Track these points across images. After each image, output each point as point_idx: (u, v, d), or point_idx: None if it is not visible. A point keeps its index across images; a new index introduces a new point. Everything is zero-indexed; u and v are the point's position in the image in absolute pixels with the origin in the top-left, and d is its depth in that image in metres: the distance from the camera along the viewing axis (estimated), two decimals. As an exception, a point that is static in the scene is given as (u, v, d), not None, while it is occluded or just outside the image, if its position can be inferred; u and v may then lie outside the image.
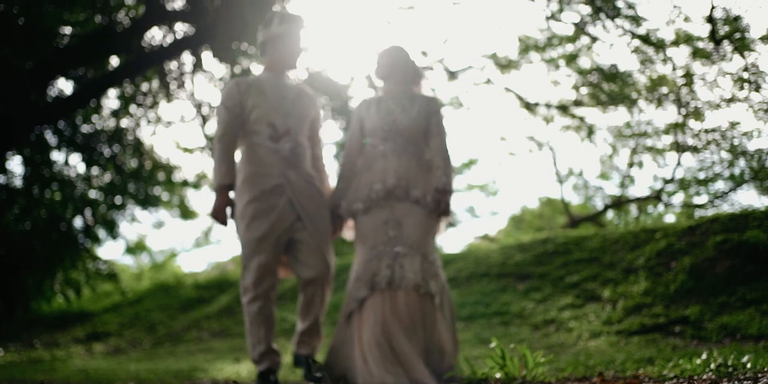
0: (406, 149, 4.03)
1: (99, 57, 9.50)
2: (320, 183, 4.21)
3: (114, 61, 9.97)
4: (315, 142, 4.27)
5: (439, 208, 3.90)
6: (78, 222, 10.92)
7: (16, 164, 18.37)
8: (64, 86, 10.65)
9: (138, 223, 12.36)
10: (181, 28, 9.36)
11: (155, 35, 9.48)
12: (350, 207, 4.03)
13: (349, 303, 3.87)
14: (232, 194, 3.96)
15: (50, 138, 10.46)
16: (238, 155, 4.05)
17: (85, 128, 10.73)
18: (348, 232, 4.19)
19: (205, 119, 10.78)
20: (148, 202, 11.40)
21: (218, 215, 3.89)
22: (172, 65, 9.99)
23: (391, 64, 4.20)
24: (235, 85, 4.09)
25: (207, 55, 9.61)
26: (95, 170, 10.96)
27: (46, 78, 9.30)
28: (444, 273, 3.99)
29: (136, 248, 19.49)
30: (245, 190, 3.94)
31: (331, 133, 12.38)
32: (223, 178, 3.89)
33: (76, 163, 10.95)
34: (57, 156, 10.82)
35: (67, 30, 9.92)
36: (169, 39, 9.36)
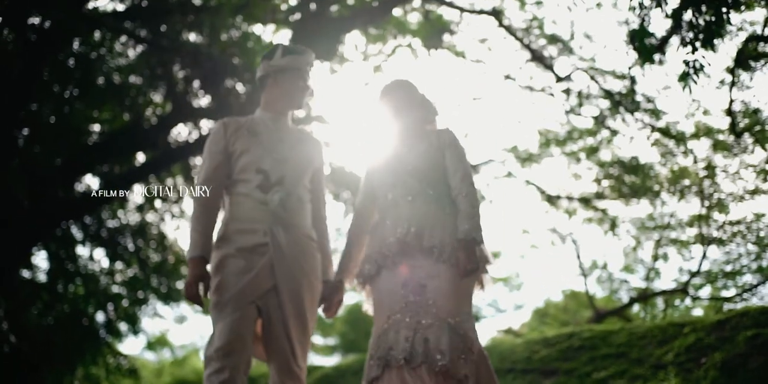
0: (420, 193, 3.37)
1: (126, 153, 9.71)
2: (320, 248, 3.50)
3: (140, 156, 10.17)
4: (318, 197, 3.58)
5: (459, 264, 3.17)
6: (100, 317, 10.90)
7: (41, 259, 18.53)
8: (91, 182, 10.82)
9: (160, 318, 12.27)
10: (206, 125, 9.57)
11: (181, 132, 9.71)
12: (362, 270, 3.41)
13: None
14: (208, 267, 3.30)
15: (76, 233, 10.56)
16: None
17: (111, 223, 10.83)
18: (366, 304, 3.46)
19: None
20: (170, 296, 11.37)
21: (188, 292, 3.20)
22: (198, 160, 10.16)
23: (396, 103, 3.59)
24: (222, 126, 3.49)
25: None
26: (119, 265, 11.00)
27: (74, 174, 9.49)
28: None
29: (157, 343, 19.36)
30: (220, 248, 3.31)
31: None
32: (195, 249, 3.28)
33: (100, 257, 11.02)
34: (82, 251, 10.92)
35: (96, 127, 10.18)
36: (195, 135, 9.57)
